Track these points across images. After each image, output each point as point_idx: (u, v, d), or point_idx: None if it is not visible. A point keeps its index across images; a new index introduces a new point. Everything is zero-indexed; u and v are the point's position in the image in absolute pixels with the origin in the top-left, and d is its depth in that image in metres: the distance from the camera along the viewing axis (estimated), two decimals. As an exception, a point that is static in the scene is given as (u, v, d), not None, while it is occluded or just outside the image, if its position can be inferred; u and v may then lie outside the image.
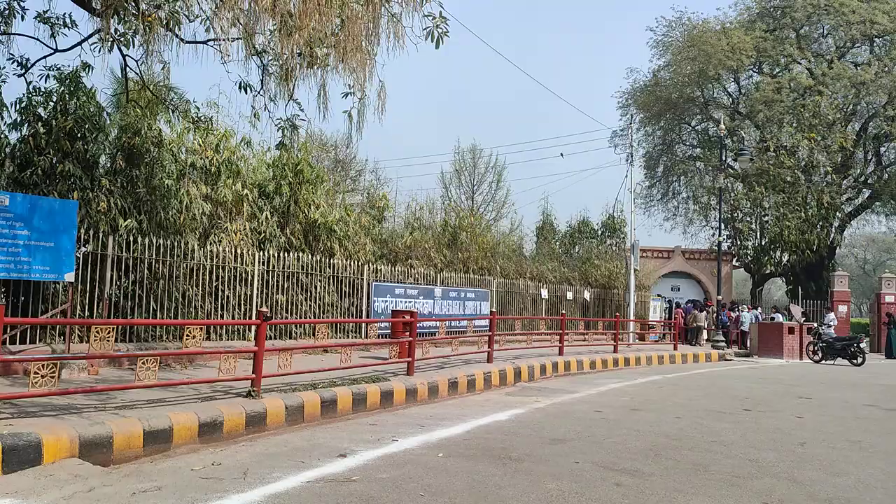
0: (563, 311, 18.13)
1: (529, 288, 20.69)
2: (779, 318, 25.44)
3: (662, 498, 4.92)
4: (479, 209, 35.00)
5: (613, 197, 56.16)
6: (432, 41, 8.64)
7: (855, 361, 19.57)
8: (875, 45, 32.17)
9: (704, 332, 24.32)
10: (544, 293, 20.98)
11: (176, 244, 10.95)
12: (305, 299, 13.42)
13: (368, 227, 16.47)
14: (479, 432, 7.26)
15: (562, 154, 35.37)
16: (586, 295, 23.29)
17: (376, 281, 15.08)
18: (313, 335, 10.65)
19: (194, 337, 7.31)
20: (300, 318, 13.14)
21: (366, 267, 14.89)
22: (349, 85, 9.09)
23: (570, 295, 22.38)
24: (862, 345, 20.41)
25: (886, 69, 29.28)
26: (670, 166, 36.14)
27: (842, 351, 20.10)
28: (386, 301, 15.14)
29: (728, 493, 5.10)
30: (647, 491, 5.08)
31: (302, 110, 9.90)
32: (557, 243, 27.77)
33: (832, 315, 25.86)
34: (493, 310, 16.69)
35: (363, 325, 14.45)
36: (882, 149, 32.67)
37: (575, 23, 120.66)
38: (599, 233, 28.52)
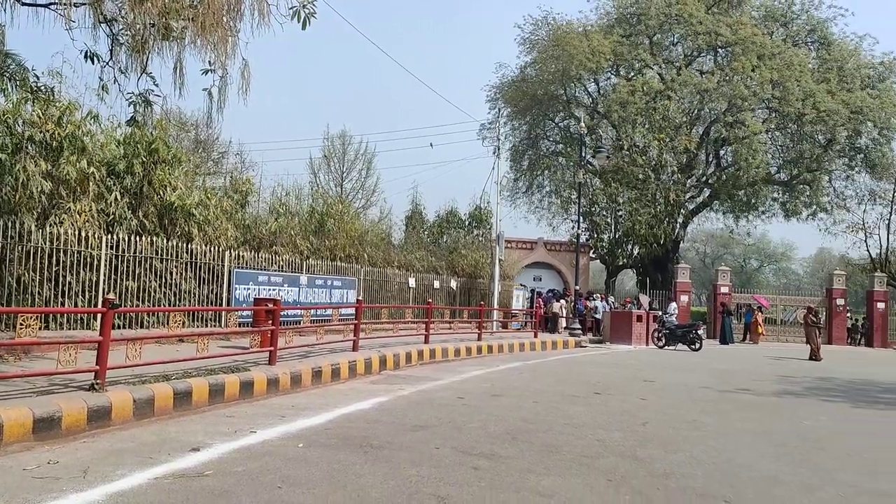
0: (430, 300, 18.36)
1: (397, 276, 20.77)
2: (597, 304, 26.87)
3: (516, 479, 5.11)
4: (348, 197, 34.70)
5: (481, 188, 57.67)
6: (299, 21, 8.41)
7: (694, 347, 21.29)
8: (718, 55, 34.97)
9: (563, 320, 25.49)
10: (412, 282, 21.15)
11: (10, 225, 9.98)
12: (160, 286, 12.70)
13: (231, 211, 15.84)
14: (341, 421, 7.20)
15: (431, 144, 35.92)
16: (453, 284, 23.72)
17: (238, 268, 14.54)
18: (167, 324, 10.09)
19: (30, 326, 6.70)
20: (153, 305, 12.43)
21: (227, 253, 14.31)
22: (209, 61, 8.70)
23: (437, 284, 22.71)
24: (700, 332, 22.25)
25: (727, 78, 31.90)
26: (535, 160, 37.45)
27: (682, 338, 21.80)
28: (248, 289, 14.64)
29: (577, 472, 5.38)
30: (502, 473, 5.26)
31: (156, 85, 9.37)
32: (426, 233, 28.11)
33: (674, 304, 27.93)
34: (360, 298, 16.58)
35: (223, 313, 13.88)
36: (721, 152, 35.64)
37: (444, 12, 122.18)
38: (467, 223, 29.15)
